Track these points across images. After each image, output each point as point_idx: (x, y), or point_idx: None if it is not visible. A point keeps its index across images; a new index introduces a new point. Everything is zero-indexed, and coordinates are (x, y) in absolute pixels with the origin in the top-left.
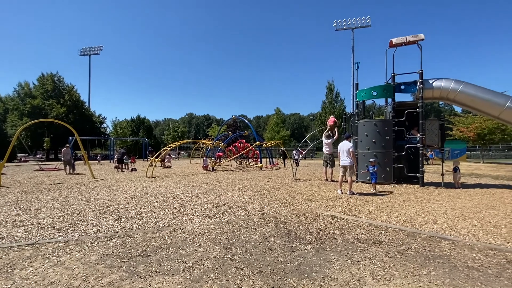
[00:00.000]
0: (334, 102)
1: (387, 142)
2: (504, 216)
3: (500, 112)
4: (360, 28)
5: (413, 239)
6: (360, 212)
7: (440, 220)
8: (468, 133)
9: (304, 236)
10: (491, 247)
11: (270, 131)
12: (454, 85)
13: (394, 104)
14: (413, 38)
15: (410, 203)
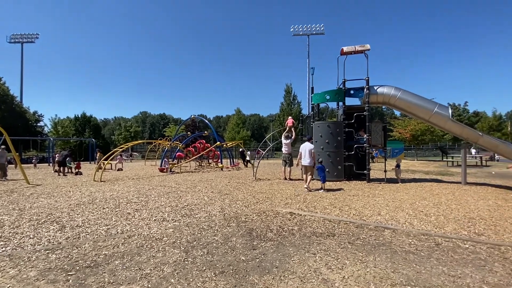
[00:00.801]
0: (292, 104)
1: (338, 142)
2: (433, 205)
3: (429, 116)
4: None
5: (361, 230)
6: (316, 208)
7: (383, 212)
8: (405, 134)
9: (265, 234)
10: (423, 233)
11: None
12: (394, 92)
13: (344, 107)
14: (361, 48)
15: (358, 197)
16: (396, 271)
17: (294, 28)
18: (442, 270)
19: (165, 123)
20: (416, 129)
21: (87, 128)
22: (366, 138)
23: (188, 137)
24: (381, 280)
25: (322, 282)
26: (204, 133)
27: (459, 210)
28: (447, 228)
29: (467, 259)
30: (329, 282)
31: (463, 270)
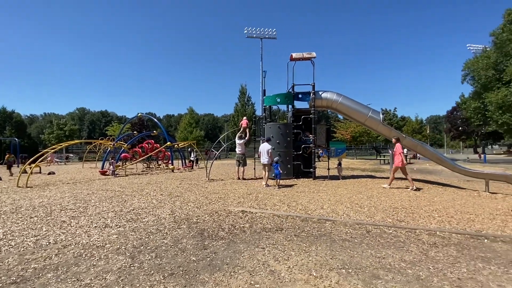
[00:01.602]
0: (246, 105)
1: (288, 142)
2: (366, 198)
3: (365, 119)
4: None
5: (306, 223)
6: (266, 205)
7: (325, 206)
8: (346, 135)
9: (216, 233)
10: (357, 222)
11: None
12: (336, 97)
13: (293, 110)
14: (308, 55)
15: (305, 194)
16: (334, 257)
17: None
18: (370, 253)
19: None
20: (355, 131)
21: (8, 126)
22: (312, 139)
23: (134, 136)
24: (321, 267)
25: (270, 273)
26: (153, 132)
27: (387, 202)
28: (376, 217)
29: (390, 242)
30: (276, 272)
31: (387, 252)
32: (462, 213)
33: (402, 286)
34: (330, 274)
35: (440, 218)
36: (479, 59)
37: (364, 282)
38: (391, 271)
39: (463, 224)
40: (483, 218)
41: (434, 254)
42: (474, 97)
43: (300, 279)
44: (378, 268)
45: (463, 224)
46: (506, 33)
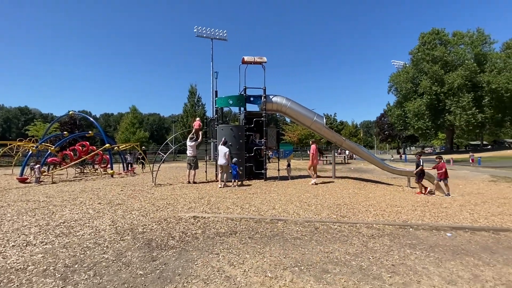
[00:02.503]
0: (196, 105)
1: (241, 144)
2: (313, 197)
3: (311, 123)
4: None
5: (259, 225)
6: (219, 209)
7: (277, 206)
8: (293, 138)
9: (166, 242)
10: (306, 220)
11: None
12: (285, 102)
13: (245, 112)
14: (259, 59)
15: (257, 195)
16: (287, 256)
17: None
18: (319, 249)
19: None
20: (301, 134)
21: None
22: (263, 141)
23: (65, 137)
24: (275, 267)
25: (225, 279)
26: (88, 133)
27: (331, 199)
28: (323, 214)
29: (336, 237)
30: (231, 278)
31: (333, 246)
32: (392, 206)
33: (348, 277)
34: (284, 274)
35: (375, 212)
36: (400, 73)
37: (315, 278)
38: (338, 264)
39: (393, 216)
40: (407, 210)
41: (372, 244)
42: (397, 106)
43: (256, 282)
44: (327, 262)
45: (393, 216)
46: (420, 53)
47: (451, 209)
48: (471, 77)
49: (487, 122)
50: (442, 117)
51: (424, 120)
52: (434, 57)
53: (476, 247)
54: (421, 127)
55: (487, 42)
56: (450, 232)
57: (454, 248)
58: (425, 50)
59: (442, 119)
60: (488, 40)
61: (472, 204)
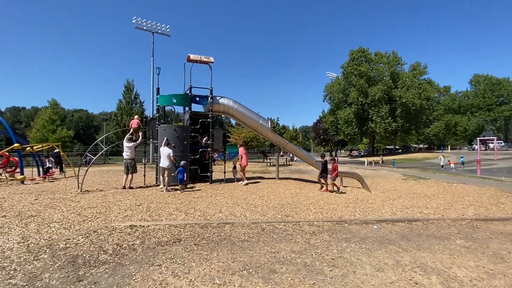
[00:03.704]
0: (133, 103)
1: (185, 146)
2: (259, 198)
3: (257, 126)
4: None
5: (206, 230)
6: (160, 216)
7: (224, 209)
8: (239, 140)
9: (96, 258)
10: (253, 222)
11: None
12: (232, 104)
13: (191, 113)
14: (206, 59)
15: (203, 199)
16: (236, 260)
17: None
18: (267, 250)
19: None
20: (247, 136)
21: None
22: (209, 143)
23: None
24: (223, 273)
25: None
26: None
27: (275, 199)
28: (268, 215)
29: (281, 236)
30: None
31: (280, 246)
32: (329, 204)
33: (294, 275)
34: (233, 278)
35: (315, 210)
36: (334, 84)
37: (264, 279)
38: (285, 263)
39: (330, 213)
40: (341, 207)
41: (314, 241)
42: (331, 113)
43: None
44: (274, 262)
45: (330, 213)
46: (350, 68)
47: (375, 204)
48: (388, 92)
49: (399, 130)
50: (366, 125)
51: (352, 126)
52: (361, 72)
53: (396, 236)
54: (349, 133)
55: (399, 63)
56: (376, 225)
57: (380, 238)
58: (354, 65)
59: (366, 126)
60: (400, 62)
61: (391, 199)
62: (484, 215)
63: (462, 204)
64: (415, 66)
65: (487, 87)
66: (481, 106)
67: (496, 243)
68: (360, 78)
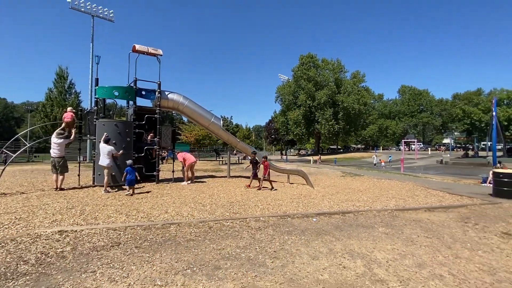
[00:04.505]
0: (67, 93)
1: (128, 143)
2: (208, 197)
3: (209, 124)
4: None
5: (149, 231)
6: (97, 219)
7: (170, 209)
8: (190, 138)
9: (14, 269)
10: (201, 221)
11: None
12: (183, 100)
13: (135, 107)
14: (153, 51)
15: (147, 199)
16: (180, 260)
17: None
18: (212, 247)
19: None
20: (199, 134)
21: None
22: (156, 140)
23: None
24: (166, 274)
25: None
26: None
27: (225, 197)
28: (217, 213)
29: (228, 233)
30: None
31: (225, 242)
32: (275, 200)
33: (237, 269)
34: (176, 278)
35: (262, 206)
36: (285, 86)
37: (207, 276)
38: (229, 259)
39: (276, 209)
40: (287, 202)
41: (259, 236)
42: (282, 114)
43: None
44: (219, 259)
45: (276, 209)
46: (299, 72)
47: (316, 199)
48: (332, 96)
49: (340, 131)
50: (313, 126)
51: (301, 127)
52: (309, 76)
53: (331, 227)
54: (298, 133)
55: (342, 70)
56: (315, 218)
57: (317, 230)
58: (303, 69)
59: (313, 127)
60: (343, 69)
61: (330, 194)
62: (402, 206)
63: (386, 197)
64: (355, 74)
65: (411, 96)
66: (406, 113)
67: (409, 229)
68: (309, 82)
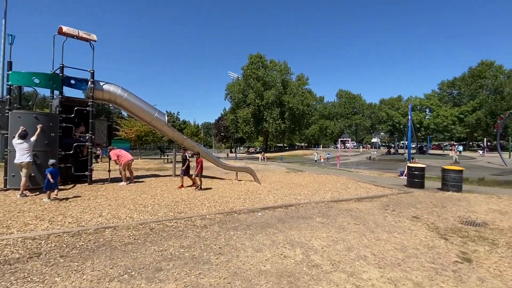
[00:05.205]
0: None
1: (52, 139)
2: (150, 197)
3: (151, 119)
4: None
5: (78, 238)
6: (10, 227)
7: (105, 212)
8: (131, 134)
9: None
10: (141, 223)
11: None
12: (121, 92)
13: (62, 98)
14: (86, 35)
15: (77, 202)
16: (115, 266)
17: None
18: (153, 249)
19: None
20: (140, 130)
21: None
22: (89, 137)
23: None
24: (99, 282)
25: None
26: None
27: (169, 197)
28: (159, 214)
29: (171, 233)
30: None
31: (168, 243)
32: (223, 197)
33: (180, 269)
34: (110, 285)
35: (209, 204)
36: (234, 84)
37: (147, 280)
38: (172, 260)
39: (223, 206)
40: (234, 199)
41: (204, 234)
42: (231, 111)
43: None
44: (160, 261)
45: (223, 206)
46: (249, 71)
47: (262, 194)
48: (279, 96)
49: (287, 130)
50: (261, 124)
51: (250, 125)
52: (258, 76)
53: (274, 220)
54: (247, 131)
55: (289, 72)
56: (260, 212)
57: (262, 223)
58: (252, 69)
59: (261, 126)
60: (289, 71)
61: (275, 189)
62: (336, 197)
63: (324, 190)
64: (300, 76)
65: (347, 100)
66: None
67: (341, 217)
68: (258, 82)
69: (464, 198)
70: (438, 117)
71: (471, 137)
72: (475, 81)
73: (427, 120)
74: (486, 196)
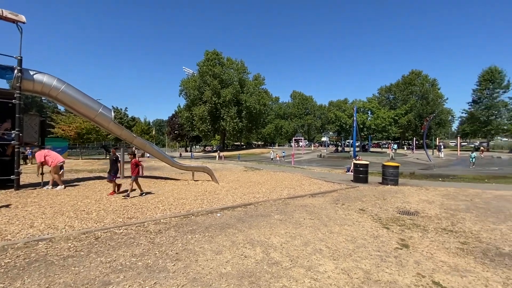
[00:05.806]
0: None
1: None
2: (95, 202)
3: (95, 115)
4: None
5: (3, 254)
6: None
7: (38, 222)
8: (69, 131)
9: None
10: (84, 232)
11: None
12: (57, 84)
13: None
14: (12, 16)
15: (0, 212)
16: (52, 284)
17: None
18: (100, 261)
19: None
20: (81, 127)
21: None
22: (15, 134)
23: None
24: None
25: None
26: None
27: (117, 201)
28: (106, 220)
29: (121, 242)
30: None
31: (118, 253)
32: (178, 199)
33: (132, 281)
34: None
35: (164, 207)
36: (190, 80)
37: None
38: (123, 271)
39: (179, 208)
40: (190, 201)
41: (159, 240)
42: (186, 109)
43: None
44: (109, 273)
45: (179, 208)
46: (205, 67)
47: (221, 194)
48: (236, 95)
49: (244, 129)
50: (218, 122)
51: (206, 123)
52: (214, 73)
53: (234, 220)
54: (204, 129)
55: (246, 71)
56: (219, 213)
57: (221, 224)
58: (209, 65)
59: (218, 124)
60: (246, 70)
61: (234, 188)
62: (292, 194)
63: (281, 187)
64: (257, 76)
65: (300, 101)
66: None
67: (298, 213)
68: (214, 79)
69: (400, 191)
70: (378, 118)
71: (403, 137)
72: (406, 87)
73: (369, 121)
74: (417, 188)
